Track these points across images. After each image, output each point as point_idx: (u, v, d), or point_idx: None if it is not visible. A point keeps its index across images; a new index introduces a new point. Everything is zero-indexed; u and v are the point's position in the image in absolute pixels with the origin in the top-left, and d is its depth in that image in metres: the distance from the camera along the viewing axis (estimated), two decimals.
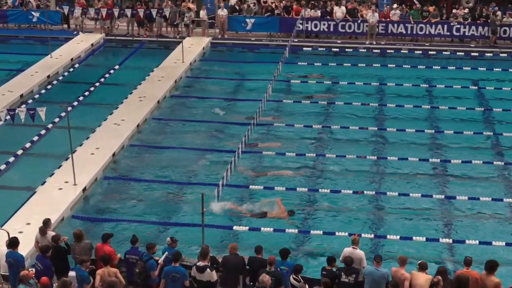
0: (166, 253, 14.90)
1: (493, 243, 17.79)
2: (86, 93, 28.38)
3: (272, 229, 18.32)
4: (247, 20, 36.25)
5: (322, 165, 22.50)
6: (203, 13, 36.18)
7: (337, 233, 18.09)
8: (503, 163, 22.54)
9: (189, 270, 14.55)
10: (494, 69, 31.43)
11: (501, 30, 34.61)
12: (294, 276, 14.25)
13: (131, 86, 28.84)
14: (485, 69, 31.50)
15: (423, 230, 18.71)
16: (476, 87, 29.36)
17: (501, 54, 33.70)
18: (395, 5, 35.97)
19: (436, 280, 13.76)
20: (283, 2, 36.82)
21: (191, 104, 27.83)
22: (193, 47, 34.18)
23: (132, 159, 23.04)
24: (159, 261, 14.79)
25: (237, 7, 37.14)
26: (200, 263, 14.34)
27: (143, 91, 28.30)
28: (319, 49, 34.74)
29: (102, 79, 30.29)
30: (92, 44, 34.98)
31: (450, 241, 18.09)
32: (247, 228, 18.48)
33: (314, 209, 19.93)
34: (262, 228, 18.35)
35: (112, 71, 31.39)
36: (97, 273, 14.21)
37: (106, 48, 35.69)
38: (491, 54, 33.75)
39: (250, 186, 20.94)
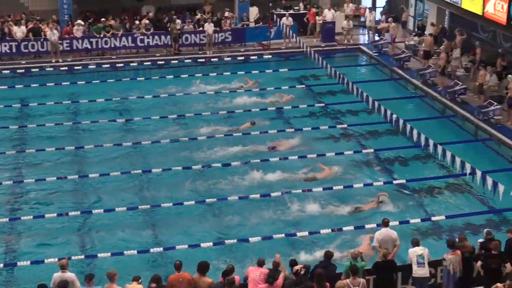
0: None
1: (201, 244, 18.47)
2: None
3: None
4: None
5: (22, 190, 21.86)
6: None
7: (46, 260, 17.45)
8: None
9: None
10: (181, 75, 32.35)
11: (183, 37, 35.94)
12: None
13: None
14: (172, 76, 32.31)
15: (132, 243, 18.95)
16: (167, 95, 30.07)
17: (185, 61, 34.89)
18: (79, 21, 35.60)
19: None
20: None
21: None
22: None
23: None
24: None
25: None
26: None
27: None
28: (3, 72, 33.24)
29: None
30: None
31: (161, 249, 18.39)
32: None
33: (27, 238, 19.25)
34: None
35: None
36: None
37: None
38: (177, 61, 34.76)
39: None
